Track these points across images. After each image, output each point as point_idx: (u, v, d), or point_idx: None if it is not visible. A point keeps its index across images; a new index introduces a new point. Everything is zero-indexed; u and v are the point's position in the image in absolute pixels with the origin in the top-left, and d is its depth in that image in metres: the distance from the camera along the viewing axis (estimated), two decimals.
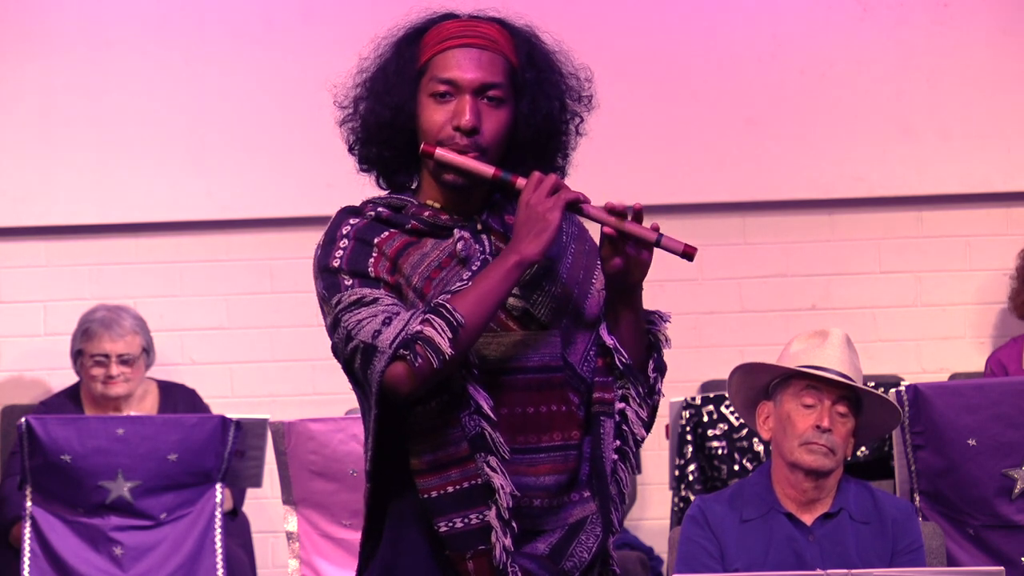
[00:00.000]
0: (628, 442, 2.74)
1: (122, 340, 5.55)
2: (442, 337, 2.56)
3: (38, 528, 4.89)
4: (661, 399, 2.82)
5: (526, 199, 2.64)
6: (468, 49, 2.70)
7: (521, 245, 2.62)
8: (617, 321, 2.74)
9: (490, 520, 2.62)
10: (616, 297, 2.73)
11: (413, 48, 2.74)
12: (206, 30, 6.16)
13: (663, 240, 2.64)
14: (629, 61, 6.09)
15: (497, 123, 2.70)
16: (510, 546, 2.62)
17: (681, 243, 2.64)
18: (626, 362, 2.73)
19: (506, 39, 2.74)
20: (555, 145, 2.78)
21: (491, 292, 2.61)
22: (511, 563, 2.63)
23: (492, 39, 2.72)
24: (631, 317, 2.74)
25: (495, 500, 2.62)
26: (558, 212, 2.63)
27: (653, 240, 2.65)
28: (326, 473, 4.74)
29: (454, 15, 2.76)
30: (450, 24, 2.74)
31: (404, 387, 2.58)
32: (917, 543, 4.01)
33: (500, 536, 2.62)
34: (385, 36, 2.78)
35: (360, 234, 2.69)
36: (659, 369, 2.79)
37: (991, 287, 6.15)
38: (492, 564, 2.62)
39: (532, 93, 2.73)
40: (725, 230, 6.15)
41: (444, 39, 2.72)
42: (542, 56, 2.77)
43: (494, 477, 2.62)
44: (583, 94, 2.81)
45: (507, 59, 2.72)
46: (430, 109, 2.71)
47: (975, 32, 6.19)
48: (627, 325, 2.74)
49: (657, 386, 2.78)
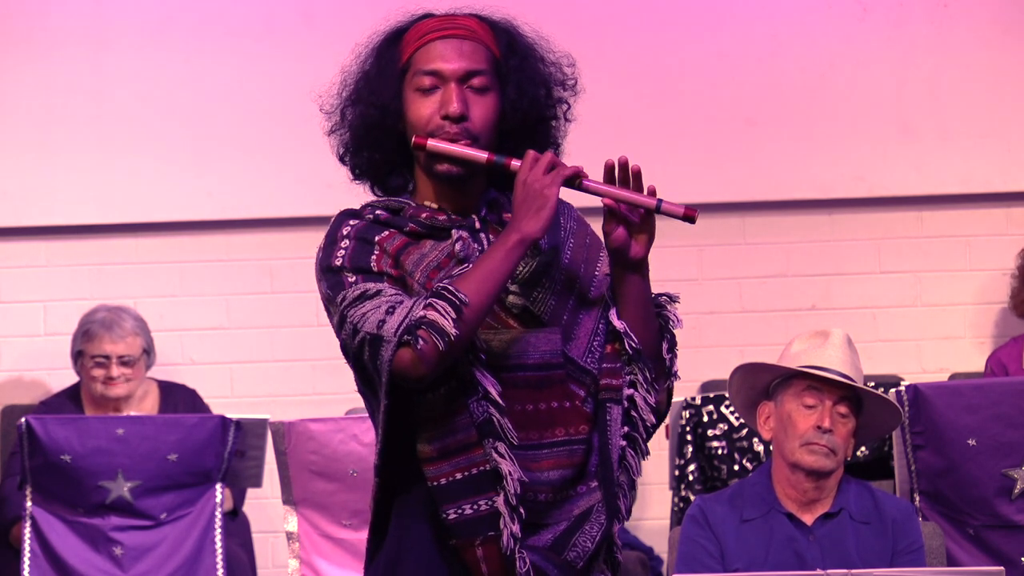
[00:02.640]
0: (638, 428, 2.74)
1: (123, 341, 5.55)
2: (446, 319, 2.56)
3: (38, 528, 4.89)
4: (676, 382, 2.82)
5: (523, 178, 2.65)
6: (449, 40, 2.73)
7: (522, 223, 2.63)
8: (626, 304, 2.74)
9: (498, 506, 2.62)
10: (624, 277, 2.73)
11: (394, 48, 2.76)
12: (206, 30, 6.16)
13: (663, 205, 2.65)
14: (629, 61, 6.09)
15: (485, 109, 2.72)
16: (518, 532, 2.63)
17: (681, 206, 2.65)
18: (636, 347, 2.73)
19: (485, 30, 2.77)
20: (544, 132, 2.79)
21: (494, 271, 2.62)
22: (519, 549, 2.63)
23: (471, 29, 2.75)
24: (640, 298, 2.74)
25: (503, 486, 2.62)
26: (556, 188, 2.64)
27: (653, 206, 2.66)
28: (326, 473, 4.74)
29: (431, 14, 2.78)
30: (429, 21, 2.77)
31: (413, 372, 2.58)
32: (917, 543, 4.01)
33: (508, 522, 2.62)
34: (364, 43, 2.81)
35: (361, 234, 2.70)
36: (672, 350, 2.79)
37: (991, 287, 6.15)
38: (500, 551, 2.63)
39: (516, 80, 2.75)
40: (725, 230, 6.15)
41: (424, 34, 2.74)
42: (523, 45, 2.79)
43: (502, 463, 2.62)
44: (567, 80, 2.82)
45: (488, 48, 2.75)
46: (417, 103, 2.72)
47: (975, 32, 6.18)
48: (636, 306, 2.74)
49: (673, 368, 2.79)
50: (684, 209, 2.65)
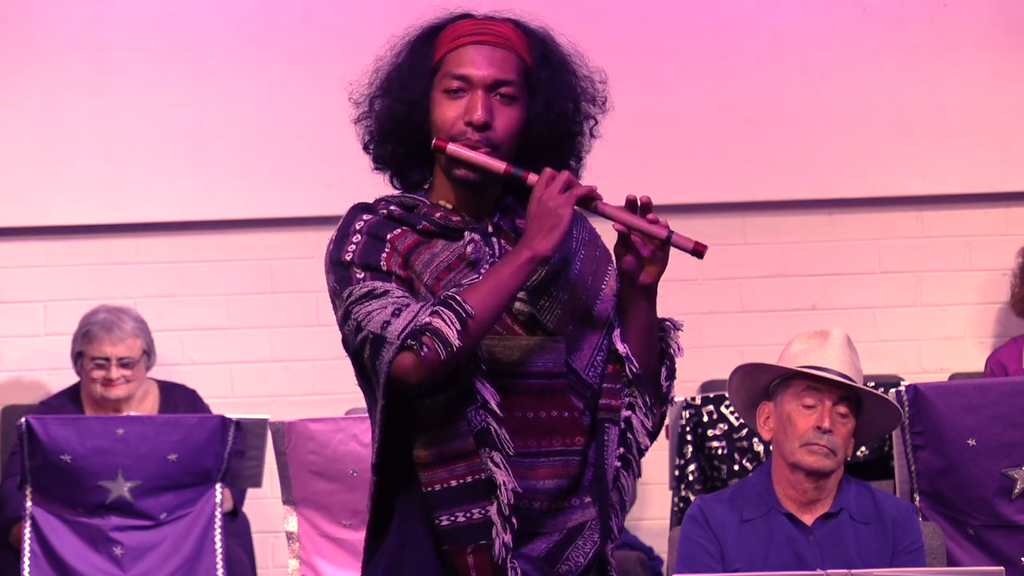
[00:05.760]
0: (632, 450, 2.74)
1: (123, 343, 5.55)
2: (451, 329, 2.56)
3: (38, 528, 4.89)
4: (670, 408, 2.83)
5: (538, 195, 2.65)
6: (481, 46, 2.72)
7: (534, 241, 2.63)
8: (630, 326, 2.74)
9: (491, 515, 2.62)
10: (631, 299, 2.73)
11: (428, 46, 2.75)
12: (206, 31, 6.16)
13: (673, 237, 2.66)
14: (629, 61, 6.09)
15: (509, 120, 2.71)
16: (510, 542, 2.63)
17: (691, 240, 2.66)
18: (636, 372, 2.74)
19: (520, 38, 2.76)
20: (568, 146, 2.79)
21: (502, 286, 2.62)
22: (510, 559, 2.63)
23: (506, 37, 2.74)
24: (644, 322, 2.74)
25: (497, 496, 2.62)
26: (570, 208, 2.64)
27: (663, 237, 2.66)
28: (326, 473, 4.74)
29: (469, 15, 2.78)
30: (465, 23, 2.76)
31: (412, 378, 2.58)
32: (917, 543, 4.01)
33: (500, 532, 2.62)
34: (401, 35, 2.80)
35: (373, 230, 2.70)
36: (671, 377, 2.80)
37: (991, 287, 6.15)
38: (492, 560, 2.63)
39: (546, 92, 2.74)
40: (725, 230, 6.15)
41: (458, 36, 2.73)
42: (557, 57, 2.78)
43: (497, 473, 2.62)
44: (598, 96, 2.82)
45: (521, 58, 2.74)
46: (443, 105, 2.72)
47: (975, 32, 6.18)
48: (640, 331, 2.74)
49: (670, 394, 2.79)
50: (694, 244, 2.66)
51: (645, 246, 2.69)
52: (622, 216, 2.67)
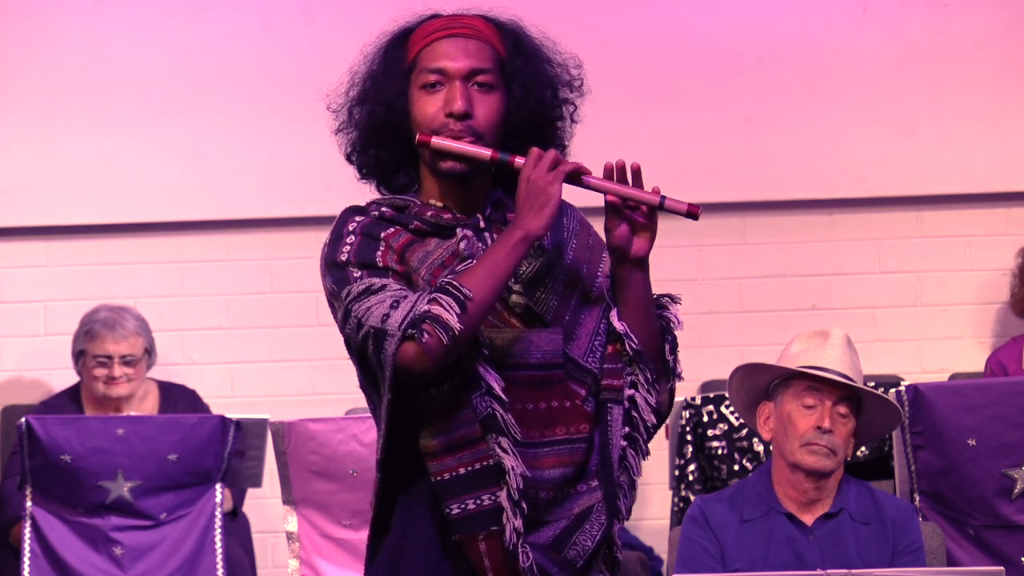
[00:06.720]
0: (638, 428, 2.75)
1: (125, 341, 5.55)
2: (450, 313, 2.57)
3: (38, 528, 4.89)
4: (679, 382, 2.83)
5: (526, 175, 2.67)
6: (454, 39, 2.74)
7: (525, 220, 2.64)
8: (626, 304, 2.75)
9: (501, 501, 2.63)
10: (625, 275, 2.74)
11: (400, 49, 2.78)
12: (206, 30, 6.16)
13: (666, 201, 2.67)
14: (629, 61, 6.09)
15: (489, 108, 2.73)
16: (521, 527, 2.64)
17: (684, 203, 2.67)
18: (636, 348, 2.74)
19: (491, 30, 2.78)
20: (550, 132, 2.81)
21: (497, 267, 2.63)
22: (521, 544, 2.64)
23: (477, 29, 2.77)
24: (640, 296, 2.75)
25: (506, 481, 2.63)
26: (559, 185, 2.65)
27: (656, 203, 2.67)
28: (326, 473, 4.74)
29: (438, 15, 2.80)
30: (435, 21, 2.79)
31: (417, 367, 2.59)
32: (917, 543, 4.01)
33: (511, 517, 2.63)
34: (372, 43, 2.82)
35: (366, 230, 2.72)
36: (675, 351, 2.80)
37: (991, 287, 6.15)
38: (503, 546, 2.64)
39: (522, 79, 2.76)
40: (725, 230, 6.15)
41: (430, 33, 2.76)
42: (529, 45, 2.81)
43: (505, 458, 2.63)
44: (574, 81, 2.83)
45: (494, 48, 2.76)
46: (422, 101, 2.74)
47: (975, 32, 6.18)
48: (637, 305, 2.75)
49: (677, 368, 2.80)
50: (687, 206, 2.67)
51: (636, 212, 2.70)
52: (613, 187, 2.68)
